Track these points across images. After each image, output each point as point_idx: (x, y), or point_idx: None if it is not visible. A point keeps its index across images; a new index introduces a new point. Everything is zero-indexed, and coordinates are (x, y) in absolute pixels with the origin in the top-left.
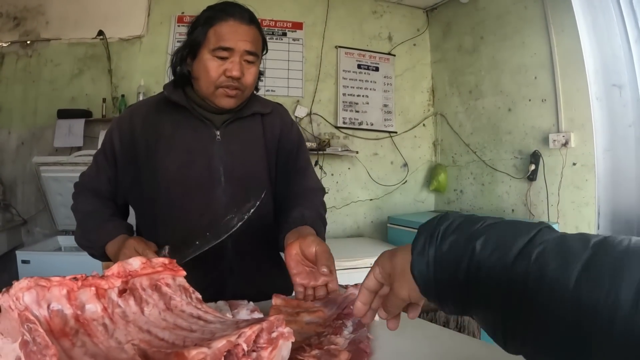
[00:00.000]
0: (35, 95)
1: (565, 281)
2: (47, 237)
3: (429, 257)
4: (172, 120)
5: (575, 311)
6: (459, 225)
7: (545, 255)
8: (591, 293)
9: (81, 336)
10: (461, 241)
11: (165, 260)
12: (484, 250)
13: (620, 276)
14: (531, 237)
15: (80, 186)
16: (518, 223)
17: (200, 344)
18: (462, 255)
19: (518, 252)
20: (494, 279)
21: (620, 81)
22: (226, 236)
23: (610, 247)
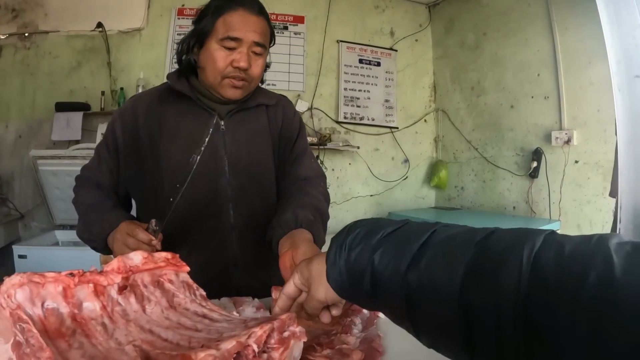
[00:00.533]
0: (33, 88)
1: (452, 283)
2: (44, 232)
3: (340, 267)
4: (176, 109)
5: (464, 312)
6: (363, 237)
7: (432, 261)
8: (476, 293)
9: (78, 337)
10: (364, 254)
11: (168, 254)
12: (381, 263)
13: (499, 274)
14: (422, 242)
15: (81, 179)
16: (414, 228)
17: (207, 345)
18: (364, 268)
19: (409, 261)
20: (392, 289)
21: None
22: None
23: (493, 244)
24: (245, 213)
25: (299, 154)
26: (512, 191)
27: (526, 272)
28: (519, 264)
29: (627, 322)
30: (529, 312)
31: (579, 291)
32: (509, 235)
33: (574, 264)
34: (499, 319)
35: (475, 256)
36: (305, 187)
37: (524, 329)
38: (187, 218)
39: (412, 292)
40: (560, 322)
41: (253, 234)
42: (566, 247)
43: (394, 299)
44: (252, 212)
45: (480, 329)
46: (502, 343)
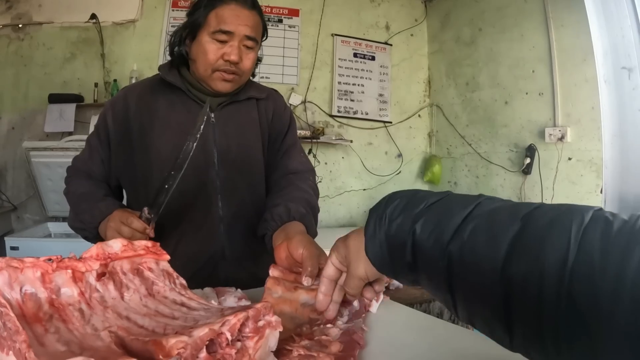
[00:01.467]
0: (26, 79)
1: (495, 256)
2: (37, 224)
3: (380, 240)
4: (167, 101)
5: (505, 286)
6: (404, 207)
7: (476, 232)
8: (518, 267)
9: (55, 322)
10: (405, 224)
11: (148, 243)
12: (423, 232)
13: (546, 249)
14: (467, 213)
15: (72, 170)
16: (458, 199)
17: (181, 332)
18: (405, 238)
19: (453, 232)
20: (434, 259)
21: (630, 64)
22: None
23: (538, 218)
24: (234, 205)
25: (289, 148)
26: (505, 187)
27: (574, 249)
28: (566, 239)
29: None
30: (572, 291)
31: (622, 273)
32: (555, 210)
33: (620, 243)
34: (541, 296)
35: (521, 229)
36: (295, 181)
37: (567, 308)
38: (176, 208)
39: (454, 262)
40: (602, 304)
41: (241, 225)
42: (614, 224)
43: (435, 269)
44: (240, 204)
45: (521, 305)
46: (542, 321)
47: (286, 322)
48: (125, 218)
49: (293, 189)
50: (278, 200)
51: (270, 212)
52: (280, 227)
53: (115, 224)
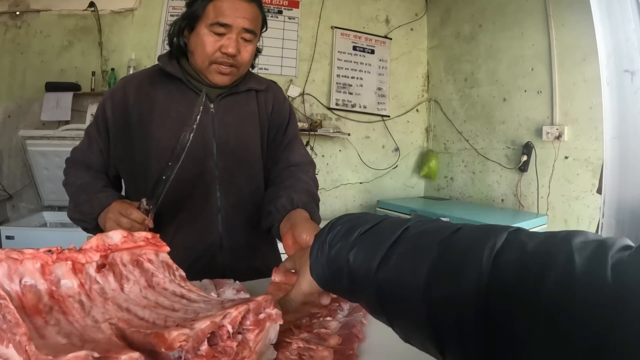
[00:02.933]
0: (23, 67)
1: (418, 282)
2: (32, 213)
3: (322, 264)
4: (166, 91)
5: (429, 310)
6: (343, 235)
7: (400, 261)
8: (439, 292)
9: (55, 314)
10: (342, 252)
11: (148, 234)
12: (355, 261)
13: (460, 274)
14: (394, 240)
15: (71, 161)
16: (389, 224)
17: (182, 324)
18: (342, 266)
19: (380, 260)
20: (365, 286)
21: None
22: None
23: (457, 242)
24: (232, 195)
25: (291, 140)
26: (501, 184)
27: (486, 272)
28: (479, 263)
29: (584, 324)
30: (489, 313)
31: (537, 292)
32: (473, 233)
33: (535, 263)
34: (460, 319)
35: (439, 255)
36: (296, 173)
37: (486, 329)
38: (174, 198)
39: (382, 289)
40: (519, 324)
41: (239, 216)
42: (528, 245)
43: (368, 295)
44: (239, 194)
45: (445, 328)
46: (465, 342)
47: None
48: (124, 209)
49: (294, 181)
50: (281, 192)
51: (274, 204)
52: (285, 216)
53: (114, 216)
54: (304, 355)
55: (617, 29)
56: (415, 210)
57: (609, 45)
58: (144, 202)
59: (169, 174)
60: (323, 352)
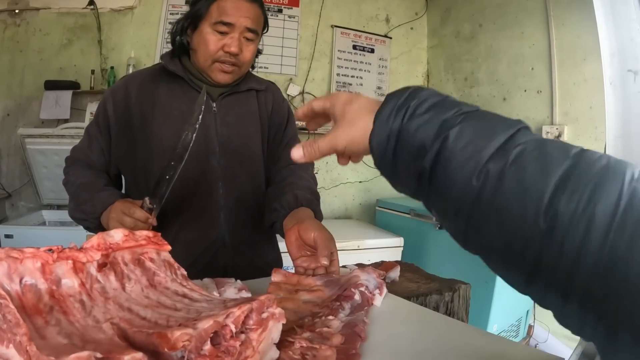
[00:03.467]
0: (22, 65)
1: (543, 187)
2: (31, 211)
3: (392, 131)
4: (168, 89)
5: (550, 220)
6: (432, 107)
7: (523, 158)
8: (568, 204)
9: (56, 314)
10: (432, 126)
11: (149, 233)
12: (458, 141)
13: (599, 193)
14: (510, 135)
15: (71, 160)
16: (495, 117)
17: (185, 324)
18: (431, 142)
19: (495, 150)
20: (465, 173)
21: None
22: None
23: (590, 160)
24: (234, 193)
25: (290, 139)
26: None
27: (626, 197)
28: (619, 187)
29: None
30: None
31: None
32: (607, 157)
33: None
34: (586, 236)
35: (572, 166)
36: (297, 171)
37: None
38: (177, 196)
39: (490, 184)
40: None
41: (241, 213)
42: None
43: (462, 186)
44: (241, 192)
45: (562, 242)
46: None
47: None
48: (127, 208)
49: (296, 178)
50: (285, 189)
51: (279, 200)
52: (289, 213)
53: (117, 215)
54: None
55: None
56: (414, 209)
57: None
58: (147, 200)
59: (172, 174)
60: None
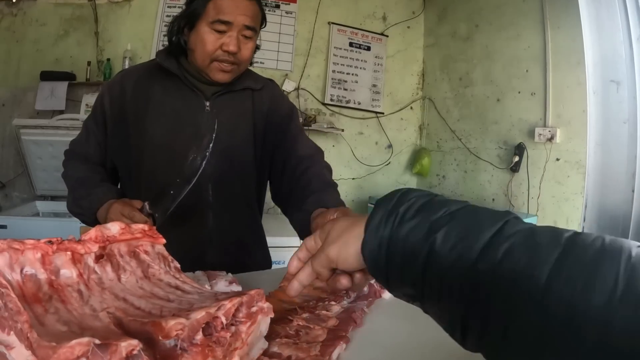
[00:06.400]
0: (18, 55)
1: (536, 281)
2: (25, 202)
3: (382, 238)
4: (163, 86)
5: (544, 313)
6: (420, 209)
7: (513, 252)
8: (562, 294)
9: (55, 302)
10: (421, 229)
11: (144, 226)
12: (445, 243)
13: (594, 278)
14: (497, 229)
15: (70, 153)
16: (483, 212)
17: (178, 314)
18: (421, 246)
19: (482, 247)
20: (456, 275)
21: (618, 77)
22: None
23: (583, 245)
24: (224, 193)
25: (297, 134)
26: (493, 183)
27: (622, 283)
28: (615, 272)
29: None
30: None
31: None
32: (600, 240)
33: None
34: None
35: (563, 255)
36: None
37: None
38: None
39: (482, 282)
40: None
41: (230, 214)
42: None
43: (453, 289)
44: (230, 192)
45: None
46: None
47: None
48: (127, 212)
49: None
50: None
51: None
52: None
53: (116, 217)
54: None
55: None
56: None
57: (596, 54)
58: (147, 206)
59: (178, 192)
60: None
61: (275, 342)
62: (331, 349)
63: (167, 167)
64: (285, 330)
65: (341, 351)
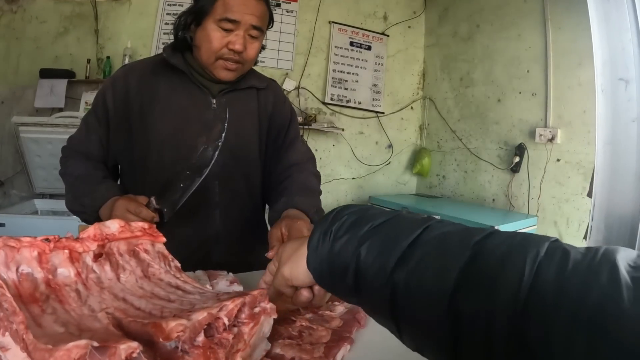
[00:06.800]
0: (18, 52)
1: (443, 288)
2: (23, 200)
3: (322, 256)
4: (169, 83)
5: (453, 321)
6: (350, 226)
7: (423, 262)
8: (468, 302)
9: (52, 302)
10: (350, 245)
11: (145, 224)
12: (368, 257)
13: (496, 285)
14: (414, 238)
15: (69, 150)
16: (405, 222)
17: (179, 315)
18: (349, 261)
19: (398, 258)
20: (376, 288)
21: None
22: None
23: (491, 248)
24: (230, 191)
25: (292, 140)
26: (493, 184)
27: (527, 284)
28: (519, 274)
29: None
30: (524, 326)
31: (577, 312)
32: (509, 240)
33: (576, 280)
34: (490, 331)
35: (471, 259)
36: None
37: (517, 344)
38: None
39: (398, 292)
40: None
41: (236, 212)
42: (570, 258)
43: (378, 298)
44: (236, 191)
45: (469, 339)
46: (491, 355)
47: None
48: (133, 207)
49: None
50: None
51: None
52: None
53: (122, 213)
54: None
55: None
56: (406, 207)
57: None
58: (154, 201)
59: (188, 184)
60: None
61: (278, 343)
62: (335, 351)
63: (174, 161)
64: (288, 331)
65: (345, 353)
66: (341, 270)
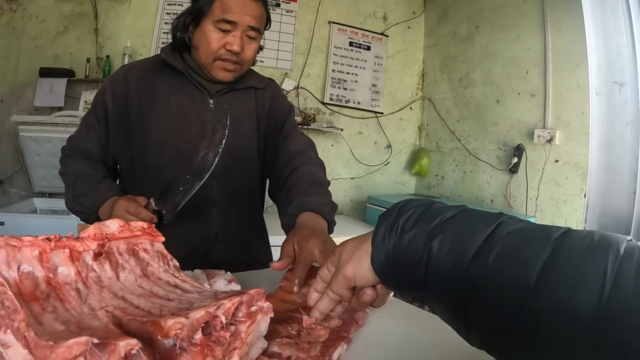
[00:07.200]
0: (17, 51)
1: (526, 283)
2: (22, 199)
3: (388, 250)
4: (168, 83)
5: (534, 317)
6: (418, 219)
7: (502, 257)
8: (551, 297)
9: (52, 301)
10: (419, 239)
11: (144, 224)
12: (441, 251)
13: (582, 278)
14: (489, 233)
15: (68, 149)
16: (477, 216)
17: (177, 313)
18: (420, 255)
19: (474, 253)
20: (452, 282)
21: (622, 79)
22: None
23: (571, 244)
24: (229, 191)
25: (289, 132)
26: (492, 184)
27: (610, 281)
28: (603, 270)
29: None
30: (605, 323)
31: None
32: (589, 238)
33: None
34: (573, 326)
35: (552, 255)
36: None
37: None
38: None
39: (476, 286)
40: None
41: (235, 211)
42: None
43: (452, 293)
44: (235, 190)
45: (551, 334)
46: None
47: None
48: (133, 208)
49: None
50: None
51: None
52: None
53: (122, 214)
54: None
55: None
56: None
57: (600, 56)
58: (153, 202)
59: (188, 187)
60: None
61: (276, 342)
62: (332, 350)
63: (174, 163)
64: (287, 330)
65: (342, 352)
66: (410, 263)
